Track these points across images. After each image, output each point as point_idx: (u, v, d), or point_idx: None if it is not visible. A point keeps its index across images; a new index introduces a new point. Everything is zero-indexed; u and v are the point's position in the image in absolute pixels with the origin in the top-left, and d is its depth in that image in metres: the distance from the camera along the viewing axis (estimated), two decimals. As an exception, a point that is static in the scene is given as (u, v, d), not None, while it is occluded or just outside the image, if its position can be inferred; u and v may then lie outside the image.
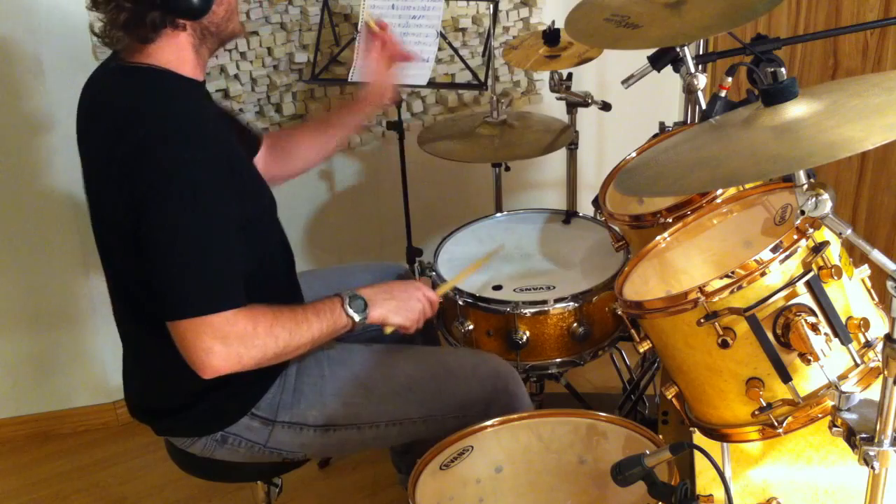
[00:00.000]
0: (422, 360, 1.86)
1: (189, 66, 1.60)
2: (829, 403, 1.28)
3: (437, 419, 1.63)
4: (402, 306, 1.73)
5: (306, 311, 1.63)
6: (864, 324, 1.29)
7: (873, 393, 1.21)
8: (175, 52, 1.57)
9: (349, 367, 1.80)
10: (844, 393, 1.24)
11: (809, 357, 1.26)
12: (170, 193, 1.48)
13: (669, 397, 1.47)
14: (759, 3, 1.77)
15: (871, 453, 1.16)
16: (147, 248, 1.51)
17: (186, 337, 1.50)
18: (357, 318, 1.66)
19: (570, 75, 2.34)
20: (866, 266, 1.37)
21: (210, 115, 1.67)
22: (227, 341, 1.51)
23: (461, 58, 2.34)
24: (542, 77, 2.89)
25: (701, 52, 2.05)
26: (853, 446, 1.19)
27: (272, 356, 1.57)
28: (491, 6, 2.33)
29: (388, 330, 1.75)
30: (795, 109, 1.23)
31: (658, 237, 1.60)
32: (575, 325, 2.02)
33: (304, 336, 1.60)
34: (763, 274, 1.27)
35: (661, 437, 1.54)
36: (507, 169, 2.51)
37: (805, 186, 1.20)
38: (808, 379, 1.31)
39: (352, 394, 1.77)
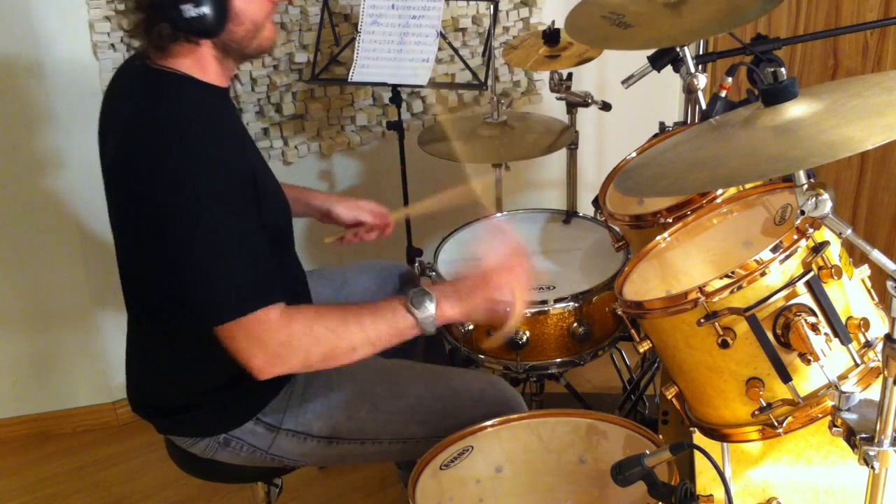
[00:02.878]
0: (429, 380, 1.82)
1: (212, 74, 1.56)
2: (829, 403, 1.28)
3: (440, 440, 1.61)
4: (478, 304, 1.57)
5: (361, 309, 1.54)
6: (864, 324, 1.29)
7: (873, 393, 1.21)
8: (196, 60, 1.53)
9: (357, 381, 1.78)
10: (844, 393, 1.24)
11: (809, 357, 1.26)
12: (183, 202, 1.44)
13: (669, 397, 1.47)
14: (753, 8, 1.77)
15: (871, 453, 1.16)
16: (169, 256, 1.47)
17: (226, 343, 1.47)
18: (420, 316, 1.53)
19: (570, 75, 2.34)
20: (866, 266, 1.37)
21: (230, 122, 1.63)
22: (262, 342, 1.46)
23: (461, 58, 2.34)
24: (542, 77, 2.89)
25: (701, 52, 2.05)
26: (853, 446, 1.19)
27: (319, 357, 1.51)
28: (491, 6, 2.33)
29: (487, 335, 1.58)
30: (795, 109, 1.23)
31: (658, 237, 1.60)
32: (575, 325, 2.01)
33: (354, 336, 1.51)
34: (763, 274, 1.27)
35: (661, 437, 1.54)
36: (507, 169, 2.51)
37: (805, 186, 1.20)
38: (808, 379, 1.31)
39: (358, 408, 1.76)
